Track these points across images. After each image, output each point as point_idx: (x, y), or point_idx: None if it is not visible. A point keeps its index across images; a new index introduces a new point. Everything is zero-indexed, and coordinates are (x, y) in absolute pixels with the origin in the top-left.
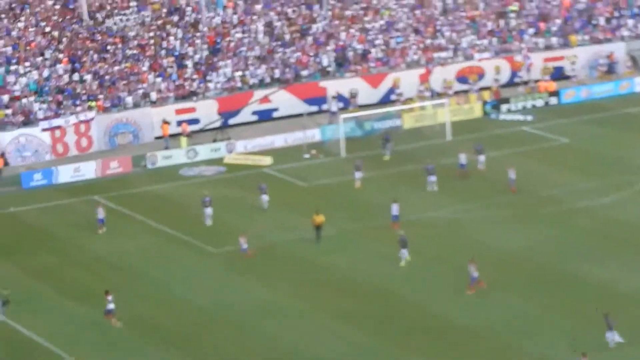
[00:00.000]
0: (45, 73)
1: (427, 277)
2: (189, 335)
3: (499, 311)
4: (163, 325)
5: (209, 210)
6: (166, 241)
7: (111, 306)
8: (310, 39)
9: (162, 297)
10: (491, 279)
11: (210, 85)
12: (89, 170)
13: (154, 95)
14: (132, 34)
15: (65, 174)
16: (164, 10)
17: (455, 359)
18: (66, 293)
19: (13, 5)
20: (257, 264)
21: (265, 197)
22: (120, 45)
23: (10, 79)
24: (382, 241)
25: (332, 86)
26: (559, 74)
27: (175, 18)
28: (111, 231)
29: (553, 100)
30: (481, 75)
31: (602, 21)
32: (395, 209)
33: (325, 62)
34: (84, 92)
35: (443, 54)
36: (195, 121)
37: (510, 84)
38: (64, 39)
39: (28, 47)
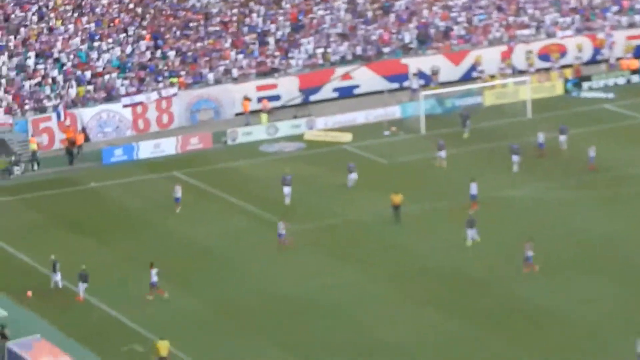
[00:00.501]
0: (128, 49)
1: (509, 259)
2: (274, 320)
3: (583, 293)
4: (246, 309)
5: (287, 189)
6: (246, 219)
7: (155, 279)
8: (392, 16)
9: (242, 279)
10: (572, 261)
11: (292, 62)
12: (169, 146)
13: (235, 72)
14: (214, 10)
15: (146, 149)
16: None
17: (542, 341)
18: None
19: None
20: (338, 244)
21: (352, 176)
22: (202, 22)
23: (94, 55)
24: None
25: (414, 63)
26: None
27: None
28: (191, 208)
29: (635, 78)
30: (563, 53)
31: None
32: (473, 188)
33: (407, 39)
34: (166, 68)
35: (525, 32)
36: (276, 98)
37: (592, 61)
38: (147, 16)
39: (111, 24)
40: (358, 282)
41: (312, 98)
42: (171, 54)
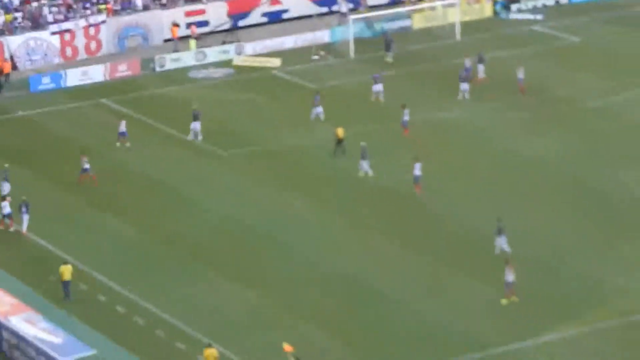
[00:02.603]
0: None
1: (447, 184)
2: (209, 244)
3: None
4: (186, 235)
5: (195, 125)
6: (175, 145)
7: (87, 166)
8: None
9: (177, 205)
10: (518, 187)
11: None
12: (97, 73)
13: None
14: None
15: (74, 77)
16: None
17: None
18: (90, 202)
19: None
20: (268, 169)
21: (319, 109)
22: None
23: None
24: (396, 145)
25: None
26: None
27: None
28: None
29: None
30: None
31: None
32: (406, 114)
33: None
34: None
35: None
36: (204, 23)
37: None
38: None
39: None
40: (289, 207)
41: (241, 23)
42: None
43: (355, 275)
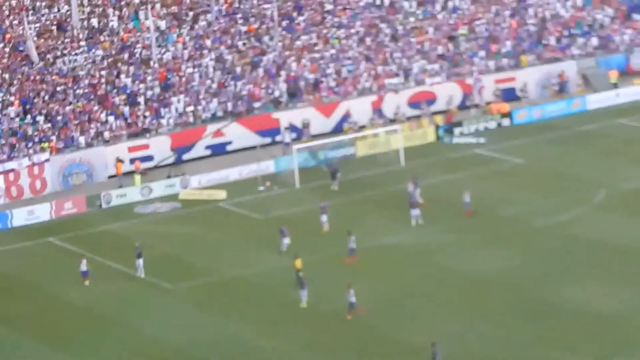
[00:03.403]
0: None
1: (397, 305)
2: None
3: (478, 340)
4: None
5: (140, 262)
6: (124, 280)
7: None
8: (261, 70)
9: (129, 339)
10: (462, 306)
11: (163, 121)
12: (43, 212)
13: (106, 134)
14: (82, 73)
15: (20, 217)
16: (114, 48)
17: None
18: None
19: None
20: (221, 300)
21: (286, 240)
22: (71, 85)
23: None
24: (344, 271)
25: (285, 117)
26: (511, 95)
27: (126, 55)
28: (70, 273)
29: (506, 122)
30: (432, 100)
31: (552, 41)
32: (352, 240)
33: (277, 93)
34: (36, 134)
35: (394, 80)
36: (149, 158)
37: (463, 107)
38: (15, 82)
39: None
40: (241, 334)
41: (185, 157)
42: (41, 118)
43: None
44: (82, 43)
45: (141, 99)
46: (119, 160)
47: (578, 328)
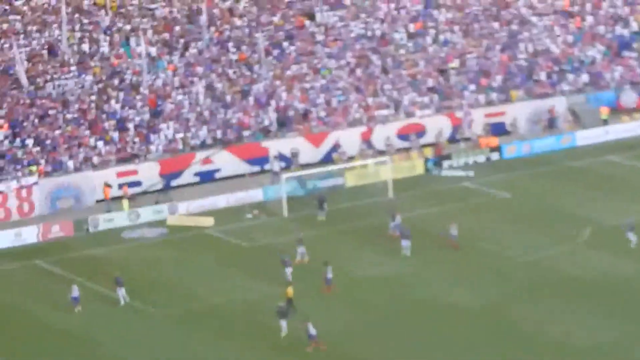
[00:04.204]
0: None
1: (379, 335)
2: None
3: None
4: None
5: (121, 291)
6: (108, 304)
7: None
8: (251, 99)
9: None
10: (444, 337)
11: (152, 147)
12: (30, 235)
13: (95, 159)
14: (72, 97)
15: (6, 239)
16: (104, 73)
17: None
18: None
19: None
20: (205, 326)
21: (289, 270)
22: (60, 110)
23: None
24: (328, 299)
25: (274, 146)
26: (500, 130)
27: (116, 81)
28: (56, 296)
29: (495, 156)
30: (422, 133)
31: (542, 76)
32: (329, 271)
33: (266, 122)
34: (24, 157)
35: (384, 112)
36: (137, 184)
37: (452, 140)
38: (4, 105)
39: None
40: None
41: (174, 183)
42: (29, 142)
43: None
44: (73, 68)
45: (130, 125)
46: (107, 185)
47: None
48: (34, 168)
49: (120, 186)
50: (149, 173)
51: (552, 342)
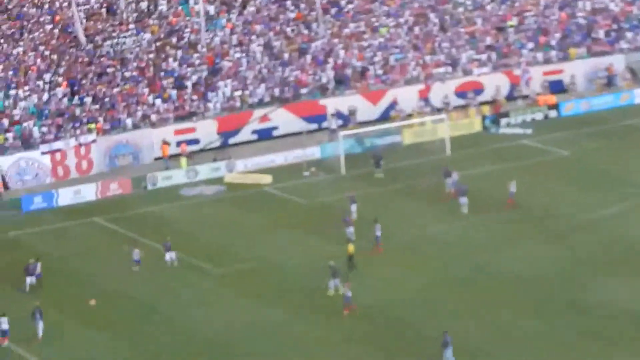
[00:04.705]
0: (45, 97)
1: (436, 298)
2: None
3: (523, 335)
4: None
5: (171, 255)
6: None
7: (5, 327)
8: (309, 57)
9: (167, 322)
10: (505, 300)
11: (210, 105)
12: (89, 192)
13: (153, 117)
14: (130, 56)
15: (66, 196)
16: (162, 31)
17: None
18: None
19: (12, 30)
20: (262, 286)
21: (350, 229)
22: (119, 68)
23: (10, 103)
24: (382, 262)
25: (332, 104)
26: (558, 87)
27: (174, 39)
28: (114, 254)
29: (553, 114)
30: (480, 90)
31: (601, 34)
32: (378, 228)
33: (324, 80)
34: (83, 114)
35: (442, 70)
36: (195, 141)
37: (510, 97)
38: (63, 63)
39: (28, 71)
40: (284, 324)
41: (231, 141)
42: (88, 100)
43: None
44: (131, 26)
45: (188, 83)
46: (165, 143)
47: (618, 324)
48: (92, 126)
49: (179, 144)
50: (206, 131)
51: (612, 303)
